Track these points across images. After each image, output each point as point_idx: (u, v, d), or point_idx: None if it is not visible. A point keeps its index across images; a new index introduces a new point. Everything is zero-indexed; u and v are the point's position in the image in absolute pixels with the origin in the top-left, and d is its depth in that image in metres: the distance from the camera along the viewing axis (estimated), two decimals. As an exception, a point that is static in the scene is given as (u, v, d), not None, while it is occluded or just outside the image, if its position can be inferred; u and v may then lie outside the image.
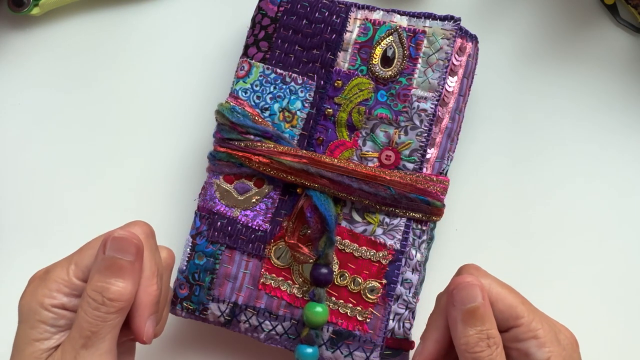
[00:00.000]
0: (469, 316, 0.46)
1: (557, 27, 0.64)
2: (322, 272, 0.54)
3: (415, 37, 0.55)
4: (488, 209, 0.59)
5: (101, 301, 0.43)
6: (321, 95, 0.56)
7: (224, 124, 0.56)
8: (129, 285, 0.44)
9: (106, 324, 0.43)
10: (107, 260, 0.44)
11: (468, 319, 0.45)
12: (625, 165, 0.63)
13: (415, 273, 0.55)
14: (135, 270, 0.45)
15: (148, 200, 0.63)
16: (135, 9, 0.66)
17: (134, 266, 0.45)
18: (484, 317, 0.46)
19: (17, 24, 0.66)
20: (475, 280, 0.46)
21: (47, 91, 0.65)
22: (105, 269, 0.44)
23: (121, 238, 0.45)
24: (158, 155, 0.63)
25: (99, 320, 0.43)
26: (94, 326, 0.43)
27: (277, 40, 0.57)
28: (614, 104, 0.63)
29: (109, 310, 0.43)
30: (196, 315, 0.56)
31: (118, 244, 0.44)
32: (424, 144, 0.55)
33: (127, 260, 0.44)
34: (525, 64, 0.64)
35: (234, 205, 0.56)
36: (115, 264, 0.44)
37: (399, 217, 0.55)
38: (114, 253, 0.44)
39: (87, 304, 0.43)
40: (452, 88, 0.55)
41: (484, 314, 0.46)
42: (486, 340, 0.45)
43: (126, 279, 0.44)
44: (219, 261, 0.56)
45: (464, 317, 0.46)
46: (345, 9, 0.56)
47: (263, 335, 0.56)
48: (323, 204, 0.54)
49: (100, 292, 0.43)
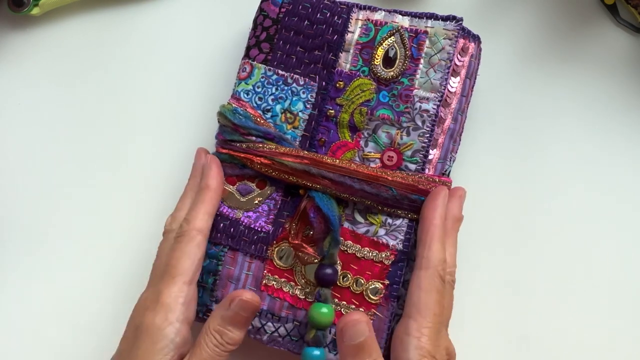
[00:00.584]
0: (357, 350, 0.49)
1: (558, 27, 0.64)
2: (327, 272, 0.54)
3: (417, 38, 0.55)
4: (490, 209, 0.59)
5: (220, 342, 0.50)
6: (323, 96, 0.56)
7: (225, 126, 0.56)
8: (241, 334, 0.52)
9: (219, 358, 0.51)
10: (230, 313, 0.51)
11: (357, 353, 0.49)
12: (625, 165, 0.63)
13: (417, 274, 0.55)
14: (248, 321, 0.52)
15: (150, 201, 0.63)
16: (135, 10, 0.65)
17: (248, 319, 0.52)
18: (371, 348, 0.49)
19: (17, 24, 0.66)
20: (362, 317, 0.49)
21: (47, 91, 0.65)
22: (229, 319, 0.51)
23: (246, 302, 0.51)
24: (159, 156, 0.63)
25: (215, 354, 0.50)
26: (210, 357, 0.50)
27: (278, 41, 0.56)
28: (615, 104, 0.63)
29: (225, 349, 0.51)
30: (199, 317, 0.56)
31: (245, 305, 0.51)
32: (426, 145, 0.55)
33: (245, 316, 0.51)
34: (525, 64, 0.64)
35: (236, 207, 0.56)
36: (236, 317, 0.51)
37: (401, 217, 0.55)
38: (238, 310, 0.51)
39: (209, 339, 0.50)
40: (455, 89, 0.55)
41: (371, 345, 0.49)
42: None
43: (241, 329, 0.52)
44: (222, 262, 0.56)
45: (354, 351, 0.49)
46: (347, 10, 0.56)
47: (266, 337, 0.56)
48: (326, 204, 0.54)
49: (220, 334, 0.51)
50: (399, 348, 0.50)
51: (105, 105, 0.64)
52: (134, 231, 0.63)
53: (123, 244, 0.63)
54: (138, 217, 0.63)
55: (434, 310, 0.51)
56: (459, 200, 0.56)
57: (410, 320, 0.51)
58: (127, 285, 0.62)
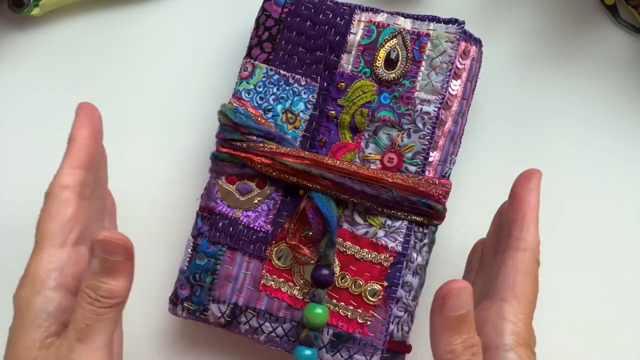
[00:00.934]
0: (457, 323, 0.44)
1: (558, 28, 0.64)
2: (323, 273, 0.54)
3: (419, 40, 0.55)
4: (490, 211, 0.59)
5: (94, 297, 0.44)
6: (324, 97, 0.56)
7: (226, 125, 0.56)
8: (120, 283, 0.45)
9: (100, 317, 0.44)
10: (97, 262, 0.44)
11: (456, 327, 0.44)
12: (626, 165, 0.63)
13: (415, 276, 0.55)
14: (126, 266, 0.45)
15: (150, 200, 0.63)
16: (136, 10, 0.65)
17: (125, 264, 0.45)
18: (471, 324, 0.45)
19: (17, 24, 0.65)
20: (467, 286, 0.44)
21: (47, 91, 0.65)
22: (96, 269, 0.44)
23: (107, 241, 0.44)
24: (160, 155, 0.63)
25: (93, 314, 0.44)
26: (88, 319, 0.44)
27: (280, 41, 0.57)
28: (615, 104, 0.63)
29: (102, 305, 0.44)
30: (196, 316, 0.56)
31: (105, 246, 0.44)
32: (426, 147, 0.55)
33: (116, 260, 0.44)
34: (526, 65, 0.64)
35: (235, 206, 0.56)
36: (104, 264, 0.44)
37: (400, 219, 0.55)
38: (102, 255, 0.44)
39: (82, 299, 0.44)
40: (456, 91, 0.55)
41: (472, 319, 0.44)
42: (470, 349, 0.44)
43: (118, 277, 0.45)
44: (220, 262, 0.55)
45: (453, 324, 0.44)
46: (349, 11, 0.56)
47: (263, 337, 0.55)
48: (325, 205, 0.54)
49: (93, 289, 0.44)
50: (491, 332, 0.47)
51: (105, 105, 0.63)
52: (133, 231, 0.62)
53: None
54: (138, 217, 0.63)
55: (530, 296, 0.49)
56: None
57: (505, 304, 0.48)
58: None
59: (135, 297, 0.60)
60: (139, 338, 0.61)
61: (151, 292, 0.61)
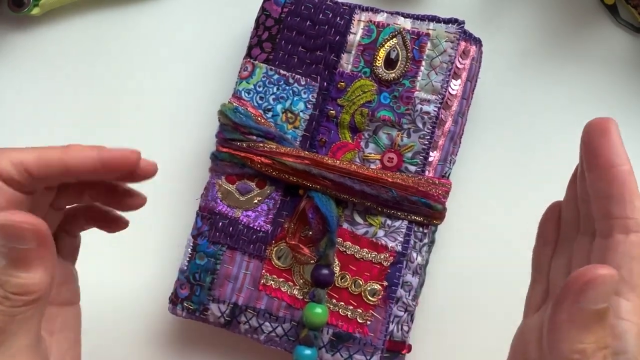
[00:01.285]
0: (594, 320, 0.36)
1: (558, 28, 0.64)
2: (323, 273, 0.54)
3: (418, 40, 0.55)
4: (490, 211, 0.59)
5: (3, 295, 0.36)
6: (324, 97, 0.56)
7: (226, 125, 0.56)
8: (36, 274, 0.37)
9: (14, 318, 0.36)
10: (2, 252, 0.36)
11: (592, 324, 0.36)
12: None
13: (415, 276, 0.55)
14: (42, 254, 0.37)
15: (150, 199, 0.62)
16: (136, 9, 0.65)
17: (39, 250, 0.37)
18: (607, 321, 0.37)
19: (17, 24, 0.65)
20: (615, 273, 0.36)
21: (48, 91, 0.65)
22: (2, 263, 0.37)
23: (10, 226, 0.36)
24: (160, 155, 0.62)
25: (5, 315, 0.36)
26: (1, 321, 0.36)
27: (280, 41, 0.57)
28: (615, 104, 0.63)
29: (14, 304, 0.36)
30: (196, 315, 0.56)
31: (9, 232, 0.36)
32: (426, 147, 0.55)
33: (26, 247, 0.36)
34: (526, 65, 0.64)
35: (235, 206, 0.56)
36: (12, 253, 0.36)
37: (400, 219, 0.55)
38: (8, 243, 0.36)
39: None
40: (456, 91, 0.55)
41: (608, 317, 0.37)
42: (603, 351, 0.36)
43: (31, 268, 0.37)
44: (220, 261, 0.55)
45: (588, 320, 0.36)
46: (349, 11, 0.56)
47: (263, 336, 0.55)
48: (325, 205, 0.54)
49: (1, 286, 0.36)
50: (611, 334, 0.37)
51: (105, 105, 0.64)
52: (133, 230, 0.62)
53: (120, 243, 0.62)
54: (137, 217, 0.62)
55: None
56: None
57: (621, 300, 0.37)
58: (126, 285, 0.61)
59: (135, 297, 0.60)
60: (139, 338, 0.61)
61: (151, 292, 0.61)
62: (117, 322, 0.54)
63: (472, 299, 0.61)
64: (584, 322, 0.36)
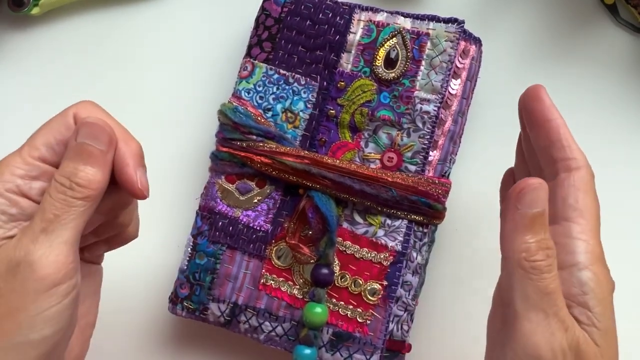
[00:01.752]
0: (532, 222, 0.42)
1: (558, 27, 0.64)
2: (323, 273, 0.54)
3: (418, 39, 0.55)
4: (490, 211, 0.59)
5: (69, 185, 0.40)
6: (324, 96, 0.56)
7: (226, 124, 0.56)
8: (99, 173, 0.41)
9: (71, 209, 0.40)
10: (78, 147, 0.41)
11: (531, 225, 0.42)
12: (626, 164, 0.63)
13: (415, 275, 0.55)
14: (107, 160, 0.42)
15: (149, 199, 0.62)
16: (136, 9, 0.65)
17: (106, 156, 0.42)
18: (546, 225, 0.43)
19: (17, 24, 0.65)
20: (544, 183, 0.43)
21: (47, 91, 0.65)
22: (75, 155, 0.41)
23: (94, 124, 0.42)
24: (160, 154, 0.63)
25: (64, 204, 0.40)
26: (58, 209, 0.40)
27: (280, 40, 0.57)
28: (614, 104, 0.63)
29: (75, 195, 0.40)
30: (196, 315, 0.56)
31: (90, 130, 0.41)
32: (426, 147, 0.55)
33: (99, 148, 0.41)
34: (526, 64, 0.64)
35: (235, 205, 0.56)
36: (85, 150, 0.41)
37: (400, 218, 0.55)
38: (86, 139, 0.41)
39: (54, 188, 0.41)
40: (455, 91, 0.55)
41: (546, 221, 0.43)
42: (546, 250, 0.42)
43: (96, 166, 0.41)
44: (220, 261, 0.55)
45: (528, 222, 0.42)
46: (349, 11, 0.56)
47: (263, 336, 0.55)
48: (325, 204, 0.54)
49: (68, 177, 0.41)
50: (561, 252, 0.44)
51: (105, 104, 0.63)
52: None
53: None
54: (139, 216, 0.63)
55: (595, 212, 0.45)
56: None
57: (571, 223, 0.44)
58: (125, 284, 0.61)
59: (135, 297, 0.60)
60: (139, 338, 0.61)
61: (151, 291, 0.61)
62: (117, 321, 0.54)
63: (472, 298, 0.61)
64: (525, 224, 0.42)
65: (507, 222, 0.43)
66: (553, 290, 0.42)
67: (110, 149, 0.42)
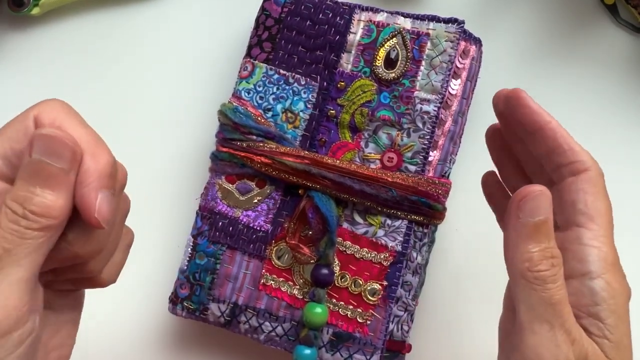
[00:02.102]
0: (535, 230, 0.41)
1: (557, 27, 0.64)
2: (323, 273, 0.54)
3: (418, 40, 0.55)
4: (490, 211, 0.59)
5: (22, 213, 0.34)
6: (324, 97, 0.56)
7: (226, 124, 0.56)
8: (59, 198, 0.34)
9: (25, 242, 0.33)
10: (33, 165, 0.34)
11: (534, 234, 0.41)
12: (625, 164, 0.63)
13: (415, 276, 0.55)
14: (69, 181, 0.35)
15: (149, 199, 0.63)
16: (136, 9, 0.65)
17: (68, 176, 0.35)
18: (550, 234, 0.41)
19: (17, 24, 0.65)
20: (545, 190, 0.41)
21: (47, 91, 0.64)
22: (30, 176, 0.34)
23: (53, 137, 0.34)
24: (160, 154, 0.63)
25: (16, 236, 0.33)
26: (9, 242, 0.33)
27: (280, 41, 0.57)
28: (614, 104, 0.63)
29: (30, 225, 0.34)
30: (196, 315, 0.56)
31: (49, 144, 0.34)
32: (426, 147, 0.55)
33: (58, 167, 0.34)
34: (526, 64, 0.64)
35: (235, 206, 0.56)
36: (43, 169, 0.34)
37: (400, 219, 0.55)
38: (43, 156, 0.34)
39: (5, 215, 0.34)
40: (455, 91, 0.55)
41: (551, 228, 0.41)
42: (550, 260, 0.41)
43: (56, 189, 0.34)
44: (220, 261, 0.55)
45: (530, 231, 0.41)
46: (349, 11, 0.56)
47: (263, 336, 0.55)
48: (325, 204, 0.54)
49: (21, 203, 0.34)
50: (572, 260, 0.42)
51: (105, 104, 0.64)
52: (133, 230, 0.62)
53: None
54: (138, 217, 0.62)
55: (607, 216, 0.43)
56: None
57: (582, 229, 0.43)
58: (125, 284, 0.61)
59: (135, 297, 0.60)
60: (139, 338, 0.61)
61: (151, 291, 0.61)
62: (117, 321, 0.54)
63: (472, 298, 0.61)
64: (527, 233, 0.41)
65: (509, 231, 0.42)
66: (558, 301, 0.40)
67: (74, 167, 0.35)
